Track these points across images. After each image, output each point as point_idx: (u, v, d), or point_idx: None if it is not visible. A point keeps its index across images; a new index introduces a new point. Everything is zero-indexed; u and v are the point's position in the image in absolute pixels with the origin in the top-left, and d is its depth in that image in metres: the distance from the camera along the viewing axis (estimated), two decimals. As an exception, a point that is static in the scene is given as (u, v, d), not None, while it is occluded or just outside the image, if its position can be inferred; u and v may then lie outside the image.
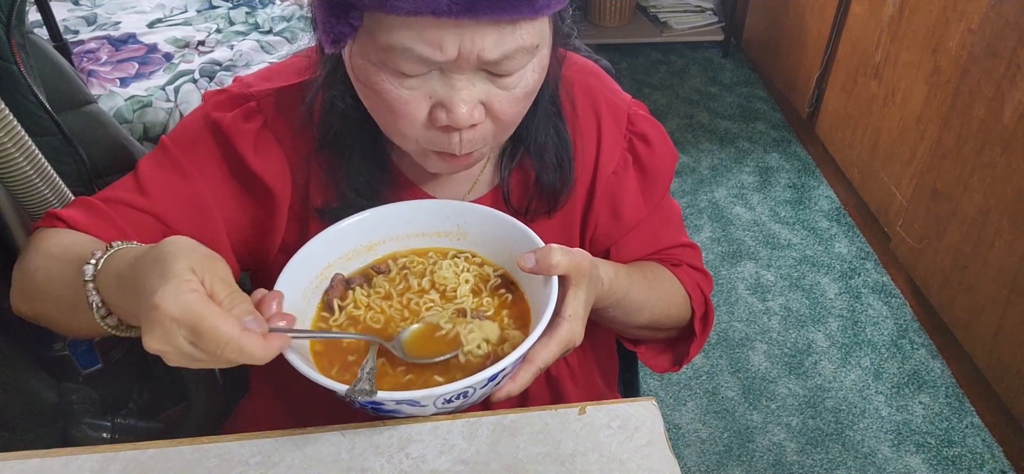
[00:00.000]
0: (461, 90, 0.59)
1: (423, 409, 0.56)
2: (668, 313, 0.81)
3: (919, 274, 1.88)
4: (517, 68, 0.60)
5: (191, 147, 0.73)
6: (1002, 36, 1.54)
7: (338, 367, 0.63)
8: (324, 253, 0.68)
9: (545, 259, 0.61)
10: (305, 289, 0.66)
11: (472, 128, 0.62)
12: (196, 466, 0.62)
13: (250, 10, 1.96)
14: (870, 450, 1.65)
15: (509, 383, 0.61)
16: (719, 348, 1.89)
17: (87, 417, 0.96)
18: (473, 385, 0.55)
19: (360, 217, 0.70)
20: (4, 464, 0.63)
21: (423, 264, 0.70)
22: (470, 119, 0.60)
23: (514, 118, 0.64)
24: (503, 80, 0.60)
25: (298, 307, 0.65)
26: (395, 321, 0.66)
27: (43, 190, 0.76)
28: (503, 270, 0.70)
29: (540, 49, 0.61)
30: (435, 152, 0.65)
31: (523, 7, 0.55)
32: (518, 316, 0.66)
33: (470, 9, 0.53)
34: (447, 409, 0.57)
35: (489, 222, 0.70)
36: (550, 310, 0.59)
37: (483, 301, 0.67)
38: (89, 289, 0.58)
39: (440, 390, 0.54)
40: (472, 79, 0.59)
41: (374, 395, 0.54)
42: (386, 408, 0.56)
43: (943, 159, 1.75)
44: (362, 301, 0.67)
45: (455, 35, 0.55)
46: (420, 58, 0.57)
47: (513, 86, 0.61)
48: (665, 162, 0.81)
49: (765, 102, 2.85)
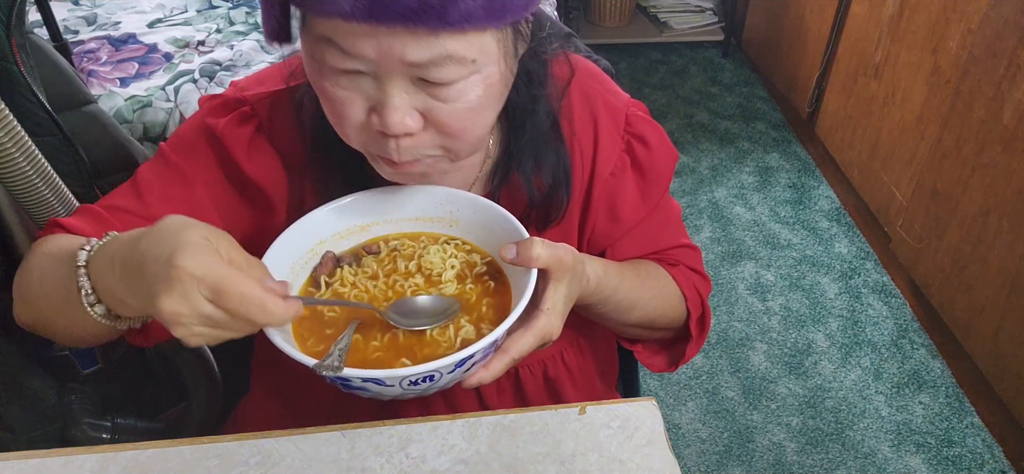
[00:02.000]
0: (392, 96, 0.57)
1: (389, 388, 0.56)
2: (661, 312, 0.80)
3: (919, 274, 1.88)
4: (452, 78, 0.57)
5: (189, 153, 0.73)
6: (1002, 36, 1.54)
7: (314, 338, 0.63)
8: (317, 229, 0.69)
9: (526, 251, 0.61)
10: (294, 263, 0.67)
11: (409, 137, 0.60)
12: (196, 466, 0.62)
13: (250, 10, 1.96)
14: (870, 450, 1.65)
15: (481, 371, 0.61)
16: (719, 348, 1.89)
17: (87, 417, 0.96)
18: (440, 369, 0.55)
19: (355, 197, 0.71)
20: (4, 464, 0.63)
21: (413, 247, 0.71)
22: (403, 127, 0.58)
23: (462, 131, 0.61)
24: (440, 90, 0.58)
25: (287, 278, 0.65)
26: (378, 301, 0.66)
27: (43, 190, 0.76)
28: (490, 258, 0.70)
29: (481, 66, 0.58)
30: (380, 156, 0.63)
31: (432, 19, 0.52)
32: (501, 305, 0.66)
33: (374, 14, 0.51)
34: (413, 391, 0.58)
35: (479, 211, 0.71)
36: (525, 301, 0.60)
37: (467, 287, 0.67)
38: (80, 274, 0.58)
39: (405, 371, 0.54)
40: (405, 86, 0.57)
41: (340, 371, 0.54)
42: (353, 385, 0.56)
43: (943, 159, 1.75)
44: (348, 279, 0.68)
45: (371, 39, 0.54)
46: (344, 55, 0.56)
47: (453, 99, 0.58)
48: (663, 163, 0.81)
49: (765, 102, 2.85)
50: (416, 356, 0.62)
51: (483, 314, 0.65)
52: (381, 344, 0.63)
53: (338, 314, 0.65)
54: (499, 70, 0.60)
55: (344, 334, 0.60)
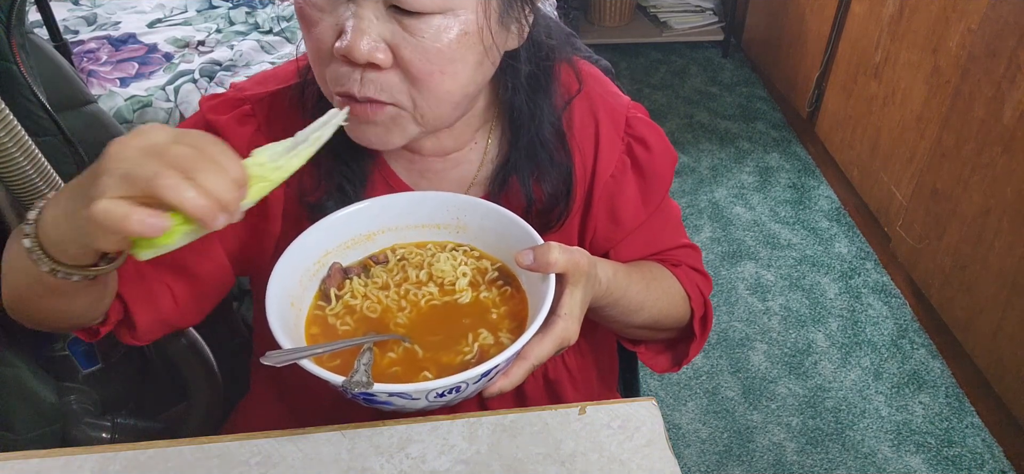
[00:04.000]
0: (362, 18, 0.58)
1: (415, 402, 0.56)
2: (667, 313, 0.80)
3: (919, 274, 1.88)
4: (427, 8, 0.57)
5: None
6: (1002, 36, 1.54)
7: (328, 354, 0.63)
8: (323, 240, 0.68)
9: (543, 256, 0.61)
10: (303, 275, 0.67)
11: (376, 70, 0.60)
12: (196, 466, 0.62)
13: (250, 10, 1.96)
14: (870, 450, 1.65)
15: (502, 379, 0.61)
16: (719, 348, 1.89)
17: (87, 417, 0.96)
18: (465, 380, 0.55)
19: (360, 206, 0.70)
20: (4, 464, 0.63)
21: (421, 256, 0.71)
22: (368, 54, 0.58)
23: (431, 76, 0.61)
24: (412, 22, 0.58)
25: (296, 292, 0.65)
26: (392, 312, 0.66)
27: (43, 190, 0.76)
28: (501, 264, 0.70)
29: (458, 10, 0.58)
30: (338, 93, 0.63)
31: None
32: (516, 312, 0.66)
33: None
34: (439, 403, 0.58)
35: (489, 216, 0.70)
36: (546, 307, 0.59)
37: (481, 294, 0.67)
38: (25, 231, 0.56)
39: (432, 384, 0.54)
40: (378, 11, 0.58)
41: (370, 386, 0.54)
42: (378, 400, 0.56)
43: (943, 159, 1.75)
44: (359, 291, 0.67)
45: None
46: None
47: (422, 33, 0.58)
48: (664, 164, 0.81)
49: (765, 102, 2.85)
50: (434, 367, 0.62)
51: (500, 321, 0.65)
52: (398, 356, 0.62)
53: (351, 327, 0.65)
54: (477, 20, 0.60)
55: (364, 349, 0.60)
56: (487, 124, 0.77)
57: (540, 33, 0.71)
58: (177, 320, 0.75)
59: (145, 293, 0.71)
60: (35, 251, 0.55)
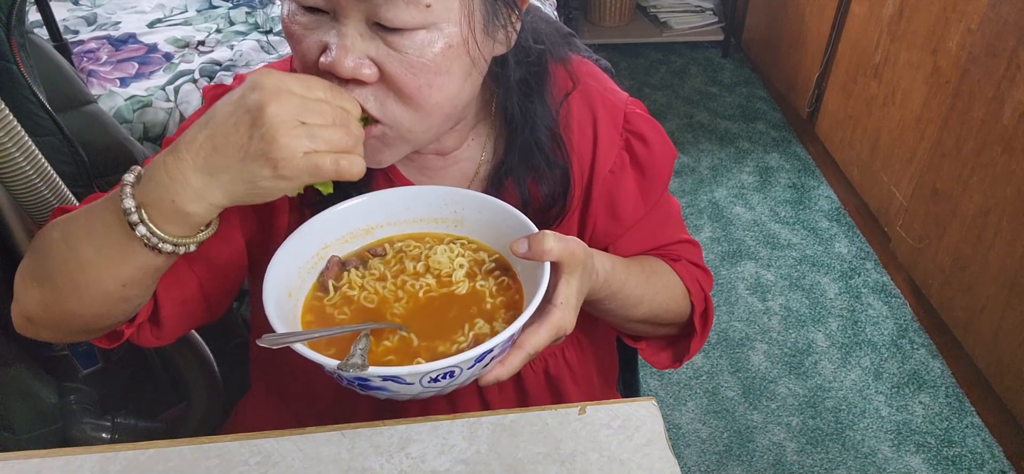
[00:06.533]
0: (345, 36, 0.58)
1: (409, 387, 0.56)
2: (667, 307, 0.80)
3: (919, 274, 1.88)
4: (406, 23, 0.57)
5: None
6: (1002, 36, 1.54)
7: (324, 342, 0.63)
8: (322, 233, 0.69)
9: (538, 244, 0.61)
10: (300, 268, 0.67)
11: (361, 86, 0.60)
12: (196, 466, 0.62)
13: (250, 10, 1.96)
14: (870, 450, 1.65)
15: (498, 368, 0.61)
16: (719, 348, 1.89)
17: (87, 417, 0.96)
18: (459, 364, 0.55)
19: (358, 200, 0.70)
20: (4, 464, 0.63)
21: (419, 248, 0.71)
22: (352, 69, 0.58)
23: (417, 91, 0.61)
24: (396, 39, 0.58)
25: (294, 284, 0.65)
26: (389, 302, 0.66)
27: (43, 190, 0.76)
28: (498, 255, 0.70)
29: (439, 18, 0.58)
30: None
31: None
32: (512, 301, 0.66)
33: None
34: (432, 388, 0.58)
35: (485, 208, 0.70)
36: (540, 294, 0.59)
37: (478, 284, 0.67)
38: (125, 195, 0.56)
39: (426, 367, 0.54)
40: (361, 29, 0.58)
41: (365, 369, 0.54)
42: (372, 384, 0.56)
43: (943, 159, 1.75)
44: (356, 282, 0.68)
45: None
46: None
47: (406, 49, 0.58)
48: (663, 160, 0.81)
49: (765, 102, 2.85)
50: (429, 355, 0.62)
51: (495, 310, 0.65)
52: (393, 345, 0.62)
53: (347, 316, 0.65)
54: (461, 32, 0.60)
55: (361, 336, 0.60)
56: (485, 123, 0.77)
57: (527, 38, 0.71)
58: (202, 313, 0.75)
59: (175, 281, 0.70)
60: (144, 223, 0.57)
